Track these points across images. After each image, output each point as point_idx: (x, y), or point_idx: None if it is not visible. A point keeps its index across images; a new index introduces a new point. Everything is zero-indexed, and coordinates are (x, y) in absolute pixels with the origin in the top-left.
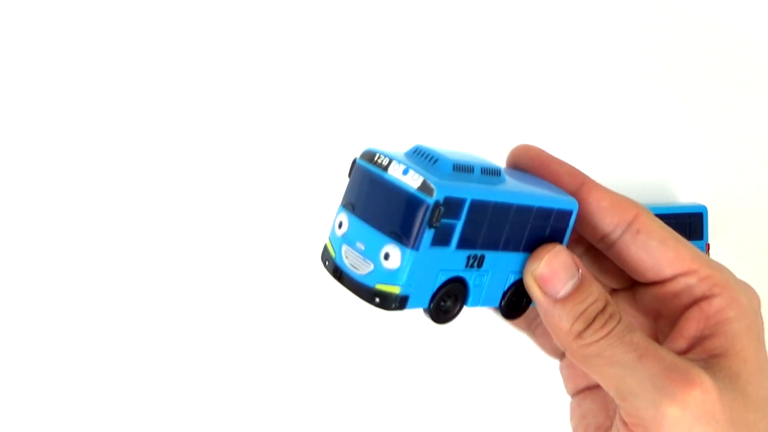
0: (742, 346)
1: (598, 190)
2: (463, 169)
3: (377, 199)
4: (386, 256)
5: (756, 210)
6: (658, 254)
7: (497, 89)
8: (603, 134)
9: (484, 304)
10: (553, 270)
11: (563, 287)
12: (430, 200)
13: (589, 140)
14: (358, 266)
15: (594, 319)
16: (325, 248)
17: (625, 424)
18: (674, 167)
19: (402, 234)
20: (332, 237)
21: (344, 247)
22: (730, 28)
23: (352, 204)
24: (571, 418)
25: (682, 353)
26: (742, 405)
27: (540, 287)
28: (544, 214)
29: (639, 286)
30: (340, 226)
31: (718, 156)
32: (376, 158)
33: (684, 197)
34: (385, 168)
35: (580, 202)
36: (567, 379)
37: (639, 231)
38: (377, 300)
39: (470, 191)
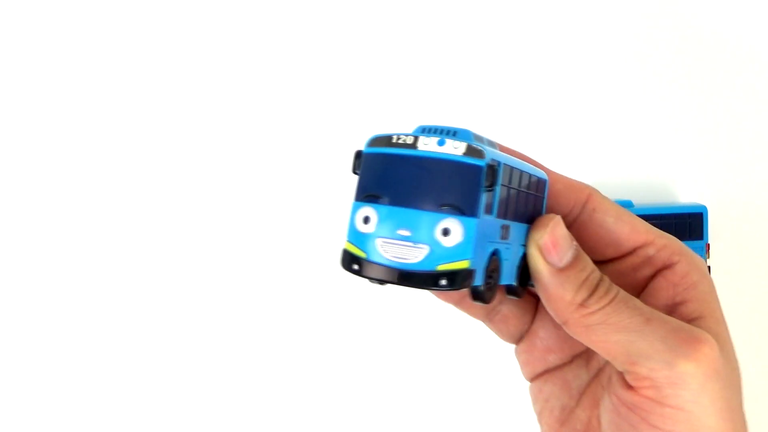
0: (713, 307)
1: (551, 175)
2: (479, 139)
3: (414, 179)
4: (445, 232)
5: (756, 210)
6: (615, 229)
7: (498, 89)
8: (603, 134)
9: (506, 280)
10: (555, 238)
11: (565, 256)
12: (482, 163)
13: (589, 140)
14: (405, 256)
15: (597, 287)
16: (347, 252)
17: (630, 389)
18: (674, 167)
19: (459, 204)
20: (354, 237)
21: (379, 242)
22: (731, 29)
23: (376, 195)
24: (534, 403)
25: None
26: (727, 362)
27: (543, 256)
28: (535, 184)
29: (600, 265)
30: (366, 221)
31: (718, 156)
32: (395, 140)
33: (684, 197)
34: (413, 145)
35: None
36: (525, 364)
37: (594, 209)
38: (444, 282)
39: (500, 157)
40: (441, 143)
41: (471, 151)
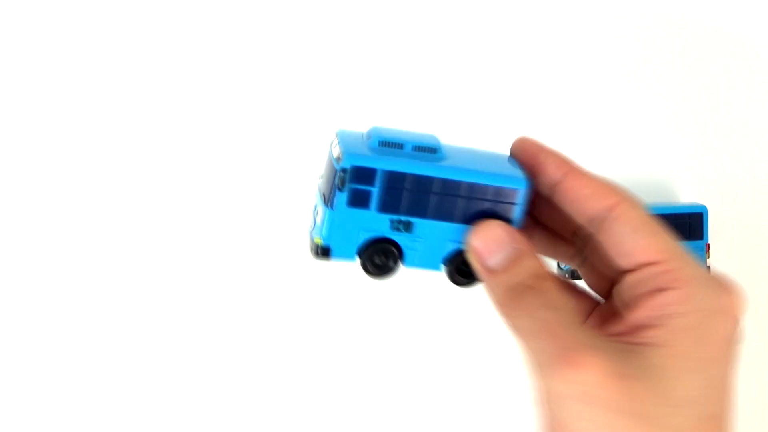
0: (679, 341)
1: (580, 179)
2: (390, 144)
3: (328, 175)
4: (317, 214)
5: (756, 210)
6: (628, 241)
7: (498, 89)
8: (603, 134)
9: (423, 266)
10: (484, 243)
11: (494, 260)
12: (338, 168)
13: (589, 140)
14: (312, 229)
15: (522, 295)
16: (312, 241)
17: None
18: (674, 167)
19: (326, 196)
20: (314, 226)
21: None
22: (731, 29)
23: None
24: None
25: (617, 335)
26: (656, 397)
27: (474, 256)
28: (482, 190)
29: (617, 274)
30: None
31: (718, 156)
32: (332, 140)
33: (684, 197)
34: (330, 145)
35: (565, 191)
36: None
37: (616, 218)
38: (312, 251)
39: (382, 162)
40: (332, 146)
41: (339, 156)
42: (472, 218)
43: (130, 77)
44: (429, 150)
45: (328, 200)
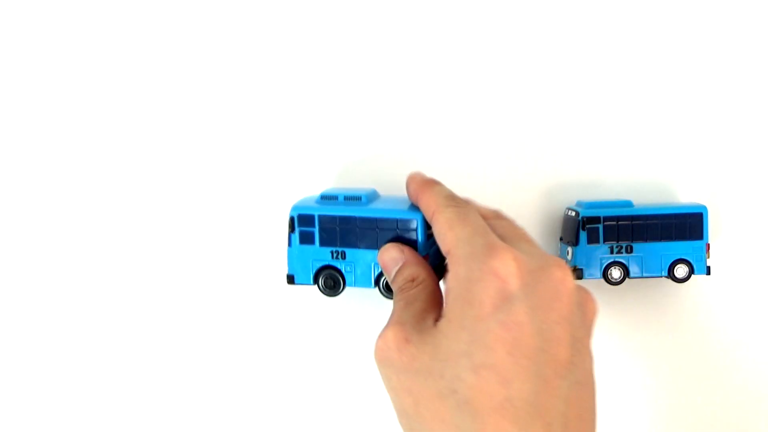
0: (450, 308)
1: (423, 200)
2: (328, 198)
3: (288, 222)
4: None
5: (756, 210)
6: (440, 240)
7: (496, 89)
8: (603, 134)
9: (361, 285)
10: (383, 260)
11: (391, 271)
12: (290, 214)
13: (589, 140)
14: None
15: (402, 290)
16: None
17: None
18: (674, 167)
19: (288, 238)
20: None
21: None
22: (731, 28)
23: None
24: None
25: (419, 313)
26: (430, 355)
27: (383, 270)
28: (388, 223)
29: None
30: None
31: (718, 156)
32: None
33: (684, 197)
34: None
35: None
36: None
37: (434, 223)
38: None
39: (317, 210)
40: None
41: (293, 208)
42: (384, 242)
43: (127, 79)
44: (355, 199)
45: (288, 241)
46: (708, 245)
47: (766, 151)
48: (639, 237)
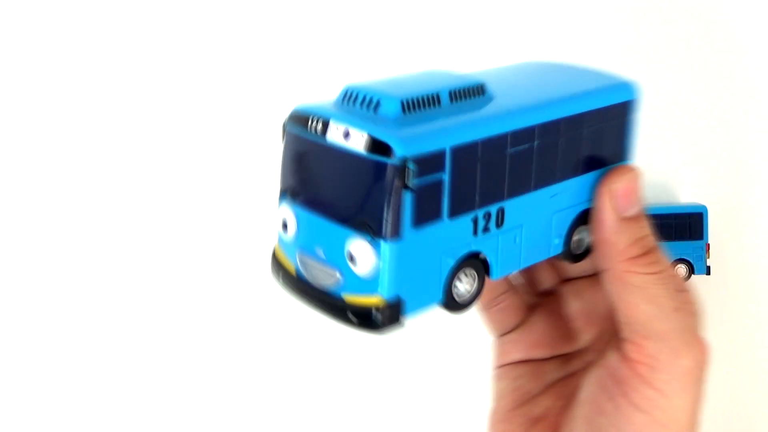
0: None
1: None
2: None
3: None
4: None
5: (756, 210)
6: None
7: None
8: None
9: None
10: (629, 188)
11: (632, 208)
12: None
13: None
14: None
15: (649, 251)
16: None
17: (625, 361)
18: (674, 167)
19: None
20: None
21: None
22: (732, 29)
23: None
24: (499, 380)
25: None
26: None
27: (613, 200)
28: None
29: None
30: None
31: (718, 156)
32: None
33: (684, 197)
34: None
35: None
36: (505, 353)
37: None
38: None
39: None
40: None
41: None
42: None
43: (125, 79)
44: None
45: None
46: (708, 245)
47: (766, 152)
48: None
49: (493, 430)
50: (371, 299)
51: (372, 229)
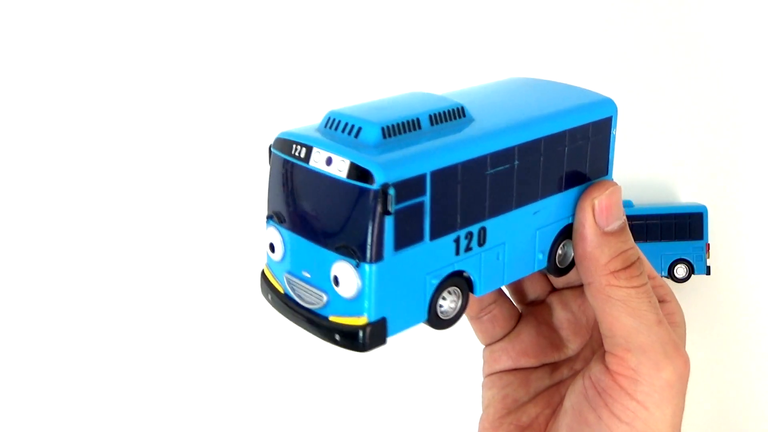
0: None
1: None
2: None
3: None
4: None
5: (756, 210)
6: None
7: None
8: None
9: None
10: (610, 203)
11: (613, 222)
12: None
13: None
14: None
15: (631, 265)
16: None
17: (608, 373)
18: (674, 167)
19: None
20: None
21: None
22: (732, 29)
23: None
24: (488, 389)
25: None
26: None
27: (595, 214)
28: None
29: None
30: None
31: (718, 156)
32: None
33: (684, 197)
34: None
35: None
36: (494, 361)
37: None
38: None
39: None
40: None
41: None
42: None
43: (128, 80)
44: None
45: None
46: (708, 245)
47: (766, 152)
48: (639, 237)
49: None
50: (356, 320)
51: (355, 253)
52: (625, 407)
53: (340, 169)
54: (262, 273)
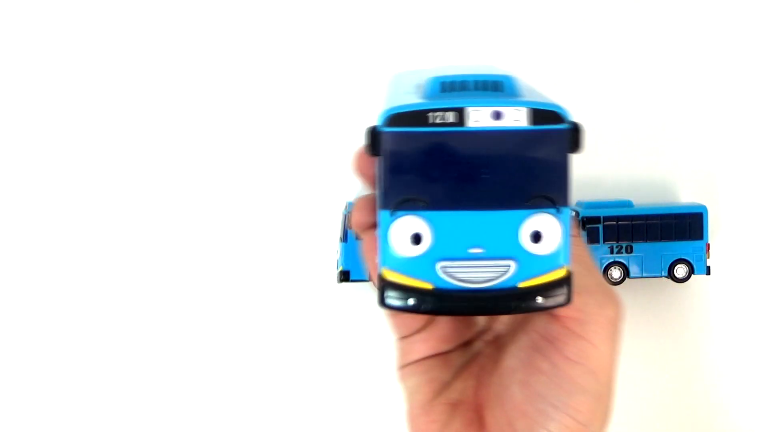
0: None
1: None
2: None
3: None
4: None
5: (756, 210)
6: None
7: None
8: (603, 133)
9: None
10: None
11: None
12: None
13: (589, 140)
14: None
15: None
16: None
17: (555, 320)
18: (674, 167)
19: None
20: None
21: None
22: (732, 28)
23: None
24: (411, 377)
25: None
26: None
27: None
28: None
29: None
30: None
31: (718, 156)
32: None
33: (684, 197)
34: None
35: None
36: (414, 352)
37: None
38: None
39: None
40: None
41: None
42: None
43: (135, 80)
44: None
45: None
46: (708, 245)
47: (766, 152)
48: (639, 237)
49: (414, 427)
50: (555, 274)
51: (553, 201)
52: (576, 347)
53: (516, 119)
54: (385, 281)
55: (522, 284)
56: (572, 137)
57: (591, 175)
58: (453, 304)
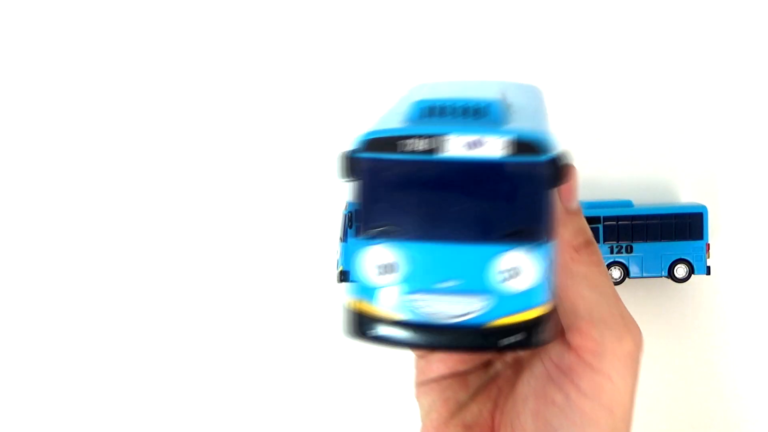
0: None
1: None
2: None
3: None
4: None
5: (756, 210)
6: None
7: None
8: (603, 133)
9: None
10: (571, 186)
11: (574, 202)
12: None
13: (588, 139)
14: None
15: (590, 242)
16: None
17: (570, 350)
18: (674, 167)
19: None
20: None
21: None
22: (731, 28)
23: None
24: (427, 395)
25: None
26: None
27: (560, 194)
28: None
29: None
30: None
31: (718, 156)
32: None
33: (684, 197)
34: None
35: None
36: (431, 371)
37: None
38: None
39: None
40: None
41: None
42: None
43: (139, 86)
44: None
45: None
46: (708, 245)
47: (766, 152)
48: (639, 237)
49: None
50: (533, 312)
51: (532, 236)
52: (591, 381)
53: (494, 148)
54: (353, 311)
55: (492, 323)
56: (552, 171)
57: (591, 175)
58: (419, 338)
